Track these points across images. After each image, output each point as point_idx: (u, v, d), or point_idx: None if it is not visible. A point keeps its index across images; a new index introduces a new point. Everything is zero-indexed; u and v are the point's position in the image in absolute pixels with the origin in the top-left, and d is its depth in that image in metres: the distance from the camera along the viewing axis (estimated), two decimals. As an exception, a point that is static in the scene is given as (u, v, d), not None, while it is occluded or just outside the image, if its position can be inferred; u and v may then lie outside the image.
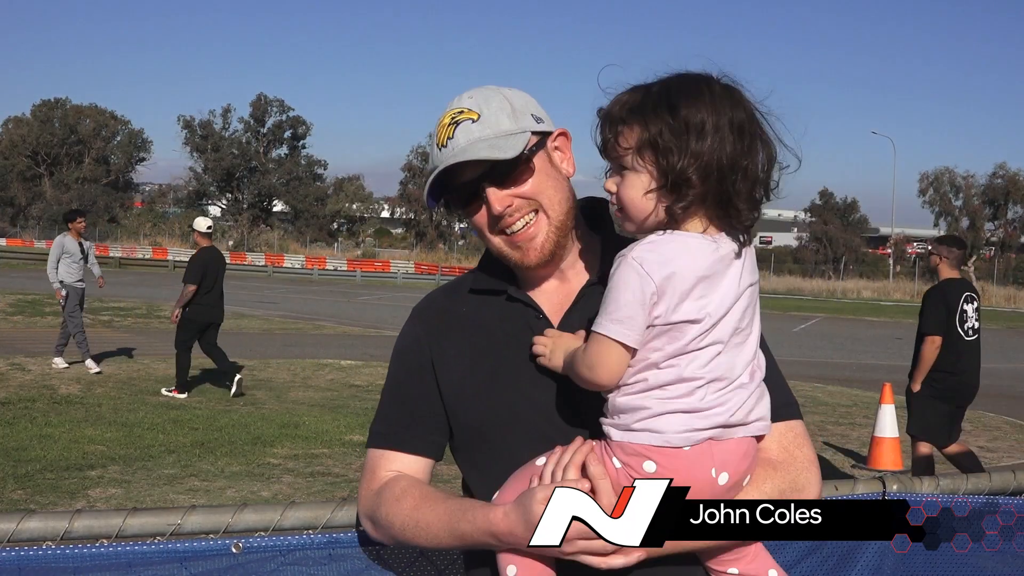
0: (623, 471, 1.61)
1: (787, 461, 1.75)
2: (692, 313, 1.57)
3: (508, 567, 1.64)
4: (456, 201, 1.84)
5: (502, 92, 1.84)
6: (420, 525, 1.73)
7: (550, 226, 1.79)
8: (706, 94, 1.58)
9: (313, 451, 9.09)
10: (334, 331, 22.11)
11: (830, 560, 2.52)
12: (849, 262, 68.20)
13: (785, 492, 1.71)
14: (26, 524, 1.91)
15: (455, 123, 1.80)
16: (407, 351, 1.93)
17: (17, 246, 69.14)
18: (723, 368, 1.61)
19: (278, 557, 2.03)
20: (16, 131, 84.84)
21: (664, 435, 1.58)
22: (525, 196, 1.78)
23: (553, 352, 1.75)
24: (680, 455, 1.58)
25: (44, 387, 12.03)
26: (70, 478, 7.69)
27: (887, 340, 26.93)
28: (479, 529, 1.65)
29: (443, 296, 1.98)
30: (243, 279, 45.57)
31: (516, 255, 1.81)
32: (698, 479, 1.59)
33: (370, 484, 1.86)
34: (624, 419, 1.62)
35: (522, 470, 1.69)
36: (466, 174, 1.78)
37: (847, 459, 9.86)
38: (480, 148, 1.75)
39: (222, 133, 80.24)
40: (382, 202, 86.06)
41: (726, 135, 1.56)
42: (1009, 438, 11.56)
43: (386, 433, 1.90)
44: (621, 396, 1.62)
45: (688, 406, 1.58)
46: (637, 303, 1.56)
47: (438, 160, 1.80)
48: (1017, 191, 66.08)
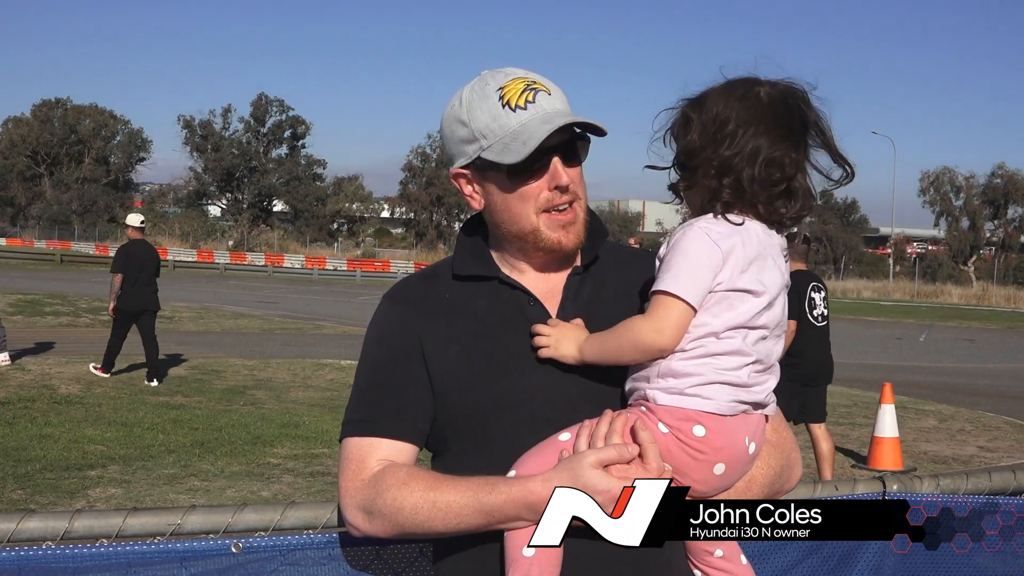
0: (670, 436, 1.63)
1: (780, 441, 1.84)
2: (752, 284, 1.66)
3: (525, 548, 1.61)
4: (516, 167, 1.75)
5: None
6: (438, 506, 1.66)
7: (583, 216, 1.82)
8: (747, 99, 1.69)
9: (313, 451, 9.09)
10: (334, 331, 22.12)
11: (830, 560, 2.51)
12: (849, 262, 68.22)
13: (784, 467, 1.82)
14: (26, 524, 1.91)
15: (532, 89, 1.77)
16: (390, 334, 1.85)
17: (17, 246, 69.17)
18: (765, 352, 1.70)
19: (278, 557, 2.03)
20: (16, 131, 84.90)
21: (715, 402, 1.64)
22: (575, 182, 1.79)
23: (559, 342, 1.75)
24: (725, 423, 1.65)
25: (44, 387, 12.03)
26: (70, 478, 7.69)
27: (887, 340, 26.94)
28: (512, 500, 1.61)
29: (420, 282, 1.93)
30: (243, 279, 45.60)
31: (555, 236, 1.79)
32: (736, 446, 1.67)
33: (358, 475, 1.77)
34: (676, 383, 1.65)
35: (541, 447, 1.68)
36: (544, 140, 1.73)
37: (847, 459, 9.86)
38: (576, 117, 1.75)
39: (222, 133, 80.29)
40: (382, 202, 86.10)
41: (761, 138, 1.67)
42: (1009, 438, 11.57)
43: (371, 421, 1.81)
44: (678, 360, 1.65)
45: (737, 379, 1.66)
46: (703, 265, 1.64)
47: (512, 119, 1.74)
48: (1016, 191, 66.08)
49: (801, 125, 1.69)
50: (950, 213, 67.82)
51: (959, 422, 12.47)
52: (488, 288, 1.85)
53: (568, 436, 1.67)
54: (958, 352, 24.22)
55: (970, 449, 10.75)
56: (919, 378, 17.52)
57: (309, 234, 77.87)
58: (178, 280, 41.79)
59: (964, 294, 56.46)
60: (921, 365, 20.38)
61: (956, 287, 58.99)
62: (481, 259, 1.88)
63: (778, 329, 1.73)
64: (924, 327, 32.83)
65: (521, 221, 1.80)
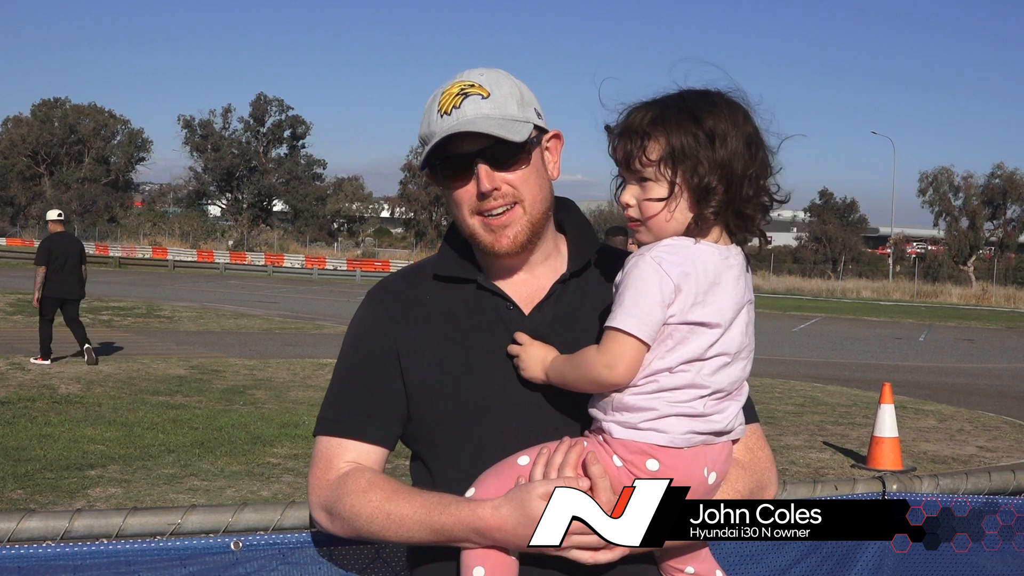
0: (623, 469, 1.63)
1: (753, 461, 1.82)
2: (706, 316, 1.62)
3: (475, 568, 1.63)
4: (444, 171, 1.79)
5: (512, 79, 1.83)
6: (392, 518, 1.69)
7: (525, 220, 1.78)
8: (722, 107, 1.65)
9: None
10: (334, 331, 22.10)
11: (830, 560, 2.52)
12: (848, 262, 68.20)
13: (754, 491, 1.78)
14: (26, 523, 1.91)
15: (464, 94, 1.77)
16: (367, 336, 1.86)
17: (17, 245, 69.17)
18: (726, 381, 1.66)
19: (278, 556, 2.03)
20: (16, 131, 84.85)
21: (669, 435, 1.62)
22: (512, 185, 1.77)
23: (528, 361, 1.74)
24: (681, 455, 1.63)
25: (44, 387, 12.03)
26: (70, 477, 7.69)
27: (887, 340, 26.93)
28: (462, 523, 1.63)
29: (403, 281, 1.92)
30: (243, 279, 45.59)
31: (488, 239, 1.78)
32: (694, 478, 1.64)
33: (325, 474, 1.80)
34: (629, 417, 1.63)
35: (500, 467, 1.69)
36: (464, 146, 1.75)
37: (847, 459, 9.86)
38: (489, 124, 1.74)
39: (222, 133, 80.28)
40: (382, 202, 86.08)
41: (741, 145, 1.63)
42: (1009, 438, 11.57)
43: (342, 421, 1.83)
44: (630, 395, 1.64)
45: (692, 411, 1.63)
46: (655, 300, 1.60)
47: (437, 126, 1.77)
48: (1015, 190, 66.05)
49: (758, 131, 1.67)
50: (949, 213, 67.77)
51: (959, 422, 12.47)
52: (467, 291, 1.85)
53: (527, 460, 1.67)
54: (958, 352, 24.22)
55: (970, 449, 10.75)
56: (919, 378, 17.52)
57: (309, 234, 77.84)
58: (178, 280, 41.78)
59: (964, 294, 56.44)
60: (921, 365, 20.38)
61: (956, 287, 58.96)
62: (463, 261, 1.88)
63: (743, 352, 1.69)
64: (924, 327, 32.82)
65: (461, 224, 1.83)
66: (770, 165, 1.68)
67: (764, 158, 1.67)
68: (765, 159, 1.67)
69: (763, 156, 1.66)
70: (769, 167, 1.68)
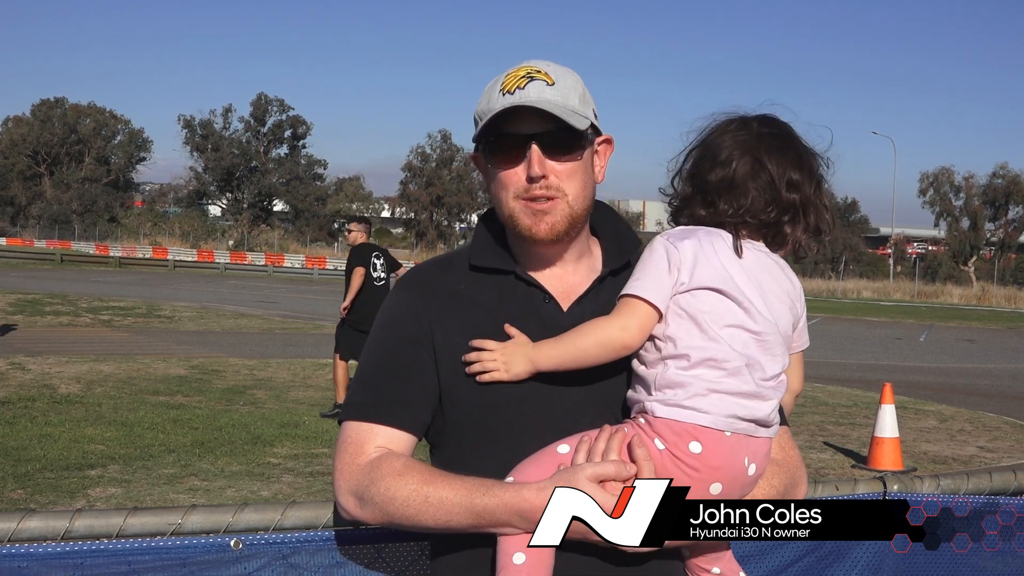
0: (666, 453, 1.63)
1: (786, 460, 1.85)
2: (715, 281, 1.68)
3: (515, 555, 1.61)
4: (497, 149, 1.78)
5: (577, 76, 1.83)
6: (430, 500, 1.66)
7: (567, 212, 1.78)
8: (729, 131, 1.79)
9: (313, 451, 9.10)
10: (334, 331, 22.08)
11: (829, 559, 2.52)
12: (849, 262, 68.20)
13: (788, 487, 1.82)
14: (27, 523, 1.91)
15: (530, 77, 1.77)
16: (402, 322, 1.83)
17: (17, 245, 69.18)
18: (760, 357, 1.69)
19: (278, 556, 2.03)
20: (16, 130, 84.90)
21: (712, 416, 1.64)
22: (559, 176, 1.76)
23: (509, 363, 1.73)
24: (723, 440, 1.64)
25: (44, 386, 12.03)
26: (70, 477, 7.69)
27: (887, 340, 26.93)
28: (505, 505, 1.61)
29: (436, 270, 1.90)
30: (243, 279, 45.59)
31: (527, 222, 1.77)
32: (735, 466, 1.66)
33: (355, 459, 1.76)
34: (673, 394, 1.65)
35: (539, 455, 1.67)
36: (522, 127, 1.75)
37: (847, 459, 9.86)
38: (552, 107, 1.74)
39: (222, 133, 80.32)
40: (382, 202, 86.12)
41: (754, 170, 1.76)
42: (1009, 438, 11.57)
43: (375, 406, 1.79)
44: (674, 370, 1.66)
45: (734, 387, 1.66)
46: (661, 267, 1.69)
47: (498, 102, 1.76)
48: (1019, 192, 66.04)
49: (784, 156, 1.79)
50: (950, 213, 67.79)
51: (959, 422, 12.47)
52: (503, 282, 1.84)
53: (567, 448, 1.66)
54: (958, 352, 24.22)
55: (970, 449, 10.75)
56: (919, 378, 17.52)
57: (309, 234, 77.86)
58: (178, 280, 41.79)
59: (964, 294, 56.44)
60: (921, 365, 20.38)
61: (956, 287, 58.98)
62: (499, 251, 1.87)
63: (773, 339, 1.71)
64: (924, 327, 32.82)
65: (502, 206, 1.81)
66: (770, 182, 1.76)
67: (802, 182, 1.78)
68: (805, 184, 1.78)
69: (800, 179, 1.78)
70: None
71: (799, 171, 1.75)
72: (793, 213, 1.75)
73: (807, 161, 1.77)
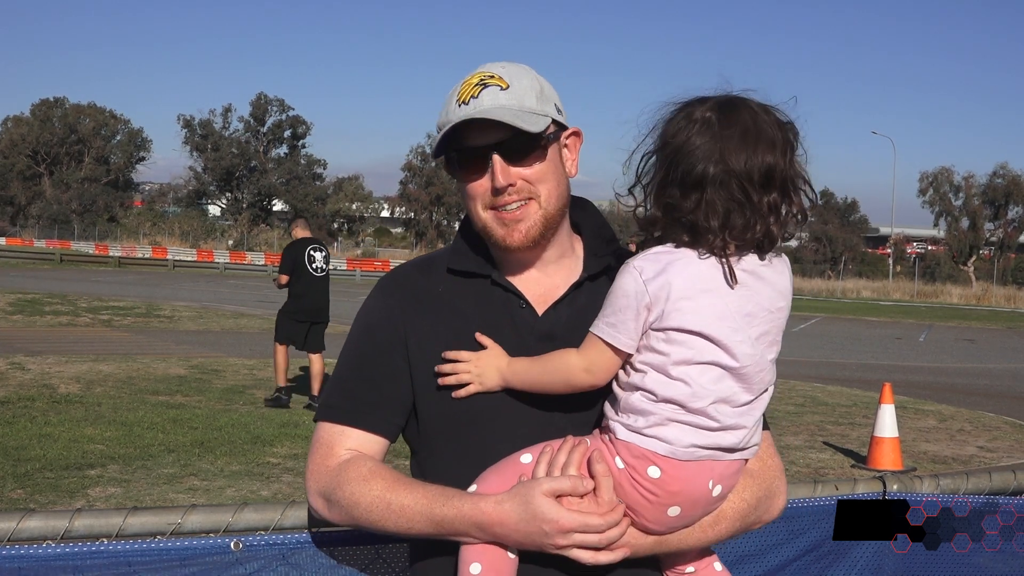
0: (625, 473, 1.62)
1: (762, 470, 1.78)
2: (690, 324, 1.58)
3: (472, 564, 1.63)
4: (459, 163, 1.78)
5: (534, 74, 1.82)
6: (392, 507, 1.67)
7: (540, 215, 1.76)
8: (681, 116, 1.64)
9: (313, 450, 9.09)
10: (333, 330, 22.00)
11: (829, 559, 2.51)
12: (849, 262, 68.19)
13: (761, 499, 1.76)
14: (26, 523, 1.90)
15: (483, 85, 1.76)
16: (377, 325, 1.84)
17: (16, 245, 69.16)
18: (727, 390, 1.61)
19: (278, 556, 2.03)
20: (16, 130, 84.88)
21: (672, 447, 1.60)
22: (528, 180, 1.75)
23: (484, 373, 1.73)
24: (683, 467, 1.61)
25: (44, 386, 12.02)
26: (69, 477, 7.69)
27: (887, 340, 26.93)
28: (463, 516, 1.62)
29: (415, 271, 1.90)
30: (243, 278, 45.55)
31: (500, 232, 1.77)
32: (696, 490, 1.63)
33: (325, 460, 1.77)
34: (634, 421, 1.62)
35: (502, 464, 1.68)
36: (480, 137, 1.73)
37: (847, 459, 9.86)
38: (504, 114, 1.71)
39: (222, 132, 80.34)
40: (382, 202, 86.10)
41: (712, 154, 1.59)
42: (1009, 438, 11.56)
43: (345, 408, 1.80)
44: (638, 398, 1.62)
45: (694, 422, 1.61)
46: (630, 308, 1.60)
47: (454, 114, 1.75)
48: (1019, 192, 66.02)
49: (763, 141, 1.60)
50: (950, 213, 67.77)
51: (959, 422, 12.47)
52: (480, 286, 1.83)
53: (529, 459, 1.66)
54: (958, 352, 24.21)
55: (970, 449, 10.75)
56: (919, 378, 17.51)
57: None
58: (178, 280, 41.77)
59: (964, 294, 56.44)
60: (921, 365, 20.38)
61: (956, 287, 58.97)
62: (477, 255, 1.86)
63: (752, 369, 1.62)
64: (924, 327, 32.81)
65: (474, 217, 1.81)
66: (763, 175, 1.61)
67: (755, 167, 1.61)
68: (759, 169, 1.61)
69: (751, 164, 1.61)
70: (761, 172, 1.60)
71: (777, 169, 1.59)
72: (777, 215, 1.61)
73: (781, 148, 1.60)
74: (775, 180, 1.60)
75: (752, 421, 1.66)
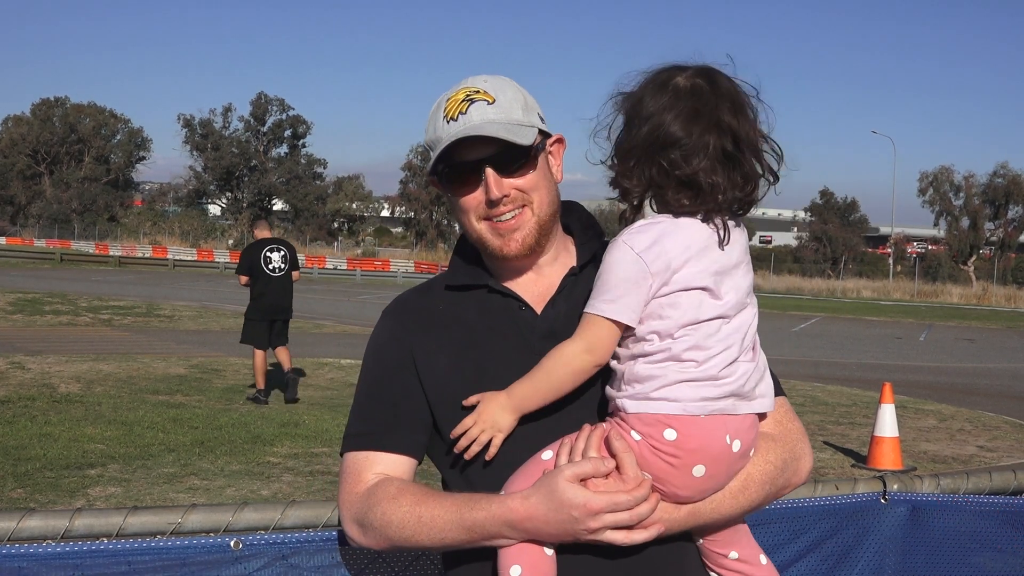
0: (644, 443, 1.62)
1: (783, 434, 1.80)
2: (691, 281, 1.63)
3: (512, 568, 1.63)
4: (451, 178, 1.81)
5: (516, 85, 1.85)
6: (423, 520, 1.69)
7: (534, 222, 1.80)
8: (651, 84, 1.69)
9: (313, 450, 9.10)
10: (334, 330, 22.11)
11: (830, 559, 2.51)
12: (849, 261, 68.19)
13: (788, 461, 1.77)
14: (27, 523, 1.91)
15: (470, 100, 1.79)
16: (384, 348, 1.88)
17: (17, 245, 69.18)
18: (731, 339, 1.65)
19: (278, 556, 2.03)
20: (16, 130, 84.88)
21: (681, 403, 1.62)
22: (520, 189, 1.78)
23: (494, 421, 1.72)
24: (698, 423, 1.62)
25: (44, 386, 12.03)
26: (70, 477, 7.69)
27: (887, 340, 26.93)
28: (493, 517, 1.63)
29: (415, 295, 1.95)
30: (243, 278, 45.57)
31: (496, 243, 1.80)
32: (715, 445, 1.63)
33: (354, 487, 1.80)
34: (641, 388, 1.63)
35: (526, 466, 1.68)
36: (471, 153, 1.77)
37: (847, 459, 9.86)
38: (496, 128, 1.75)
39: (222, 132, 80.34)
40: (382, 201, 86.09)
41: (667, 120, 1.64)
42: (1009, 438, 11.57)
43: (368, 434, 1.83)
44: (641, 365, 1.64)
45: (701, 374, 1.63)
46: (629, 282, 1.63)
47: (444, 132, 1.78)
48: (1019, 191, 65.99)
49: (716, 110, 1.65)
50: (950, 213, 67.75)
51: (959, 422, 12.47)
52: (479, 296, 1.87)
53: (550, 455, 1.67)
54: (958, 352, 24.22)
55: (970, 449, 10.75)
56: (919, 378, 17.52)
57: (309, 233, 77.84)
58: (178, 279, 41.79)
59: (964, 294, 56.40)
60: (921, 365, 20.38)
61: (956, 287, 58.93)
62: (472, 268, 1.90)
63: (743, 312, 1.68)
64: (924, 327, 32.82)
65: (468, 229, 1.84)
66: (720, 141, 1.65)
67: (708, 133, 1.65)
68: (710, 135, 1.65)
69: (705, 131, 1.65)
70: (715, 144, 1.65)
71: (755, 132, 1.66)
72: (755, 176, 1.68)
73: (755, 113, 1.67)
74: (756, 143, 1.67)
75: (751, 368, 1.69)
